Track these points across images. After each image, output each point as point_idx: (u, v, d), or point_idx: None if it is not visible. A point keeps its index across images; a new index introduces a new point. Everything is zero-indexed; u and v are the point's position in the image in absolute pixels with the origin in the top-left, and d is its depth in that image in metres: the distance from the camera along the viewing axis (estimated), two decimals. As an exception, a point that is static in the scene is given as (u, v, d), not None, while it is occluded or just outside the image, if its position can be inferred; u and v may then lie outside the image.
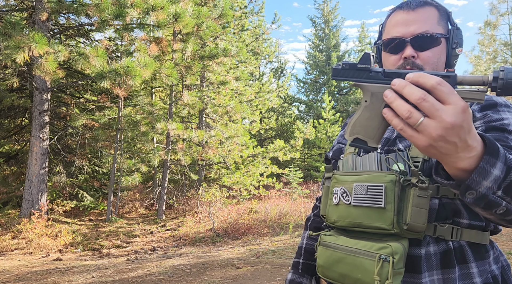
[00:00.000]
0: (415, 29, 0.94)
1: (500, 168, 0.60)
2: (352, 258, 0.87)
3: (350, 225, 0.91)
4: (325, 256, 0.94)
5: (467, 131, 0.55)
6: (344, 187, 0.94)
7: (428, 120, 0.54)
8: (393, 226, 0.84)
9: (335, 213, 0.96)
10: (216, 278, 4.60)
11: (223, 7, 9.78)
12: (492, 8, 16.70)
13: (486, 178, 0.60)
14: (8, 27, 6.11)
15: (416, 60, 0.94)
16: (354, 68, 0.69)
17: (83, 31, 9.40)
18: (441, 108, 0.53)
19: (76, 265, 5.54)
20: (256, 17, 18.43)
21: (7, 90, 8.99)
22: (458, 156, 0.58)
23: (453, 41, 0.97)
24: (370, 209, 0.87)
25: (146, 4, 7.31)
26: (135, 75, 7.08)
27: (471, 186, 0.61)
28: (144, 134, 10.13)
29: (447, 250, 0.87)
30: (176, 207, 11.22)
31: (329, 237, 0.96)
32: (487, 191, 0.61)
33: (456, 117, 0.53)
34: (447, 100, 0.54)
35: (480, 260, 0.88)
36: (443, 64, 0.98)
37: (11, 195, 9.83)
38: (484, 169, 0.59)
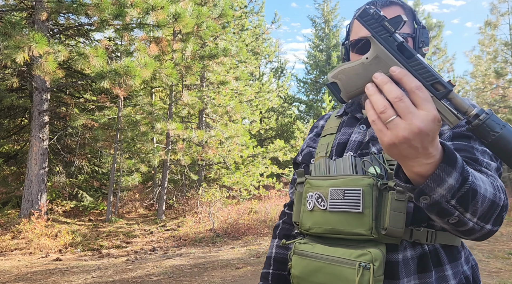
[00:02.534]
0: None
1: (456, 177, 0.61)
2: (332, 267, 0.83)
3: (327, 231, 0.88)
4: (301, 266, 0.90)
5: (431, 139, 0.56)
6: (319, 191, 0.91)
7: (399, 120, 0.55)
8: (372, 231, 0.82)
9: (310, 220, 0.92)
10: (216, 278, 4.59)
11: (223, 7, 9.78)
12: (493, 8, 16.70)
13: (441, 185, 0.60)
14: (8, 27, 6.11)
15: None
16: (381, 22, 0.64)
17: (82, 31, 9.39)
18: (414, 112, 0.54)
19: (75, 265, 5.53)
20: (256, 17, 18.43)
21: (7, 90, 8.98)
22: (417, 160, 0.58)
23: (419, 40, 0.96)
24: (348, 214, 0.84)
25: (146, 4, 7.30)
26: (135, 75, 7.07)
27: (425, 191, 0.61)
28: (144, 134, 10.12)
29: (423, 254, 0.85)
30: (176, 207, 11.21)
31: (305, 245, 0.91)
32: (441, 199, 0.62)
33: (425, 124, 0.54)
34: (421, 106, 0.55)
35: (454, 262, 0.88)
36: None
37: (11, 195, 9.82)
38: (439, 176, 0.59)
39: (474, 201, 0.64)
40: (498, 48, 16.46)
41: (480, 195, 0.65)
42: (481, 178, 0.68)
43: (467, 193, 0.63)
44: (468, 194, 0.63)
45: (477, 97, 16.16)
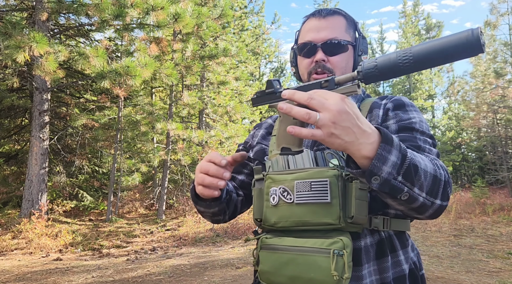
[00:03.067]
0: (326, 35, 1.01)
1: (396, 154, 0.69)
2: (304, 258, 0.84)
3: (294, 224, 0.89)
4: (271, 260, 0.90)
5: (355, 117, 0.65)
6: (283, 185, 0.91)
7: (321, 114, 0.63)
8: (340, 220, 0.84)
9: (275, 214, 0.92)
10: (216, 278, 4.60)
11: (223, 7, 9.79)
12: (492, 8, 16.71)
13: (385, 163, 0.68)
14: (9, 27, 6.12)
15: (326, 63, 1.01)
16: (264, 94, 0.84)
17: (83, 31, 9.41)
18: (326, 102, 0.63)
19: (76, 265, 5.54)
20: (256, 17, 18.44)
21: (7, 90, 8.99)
22: (360, 142, 0.66)
23: (359, 49, 1.04)
24: (316, 205, 0.86)
25: (146, 4, 7.31)
26: (135, 75, 7.09)
27: (374, 171, 0.68)
28: (144, 134, 10.13)
29: (380, 240, 0.90)
30: (176, 207, 11.22)
31: (272, 239, 0.91)
32: (388, 176, 0.69)
33: (338, 105, 0.63)
34: (326, 97, 0.65)
35: (404, 248, 0.94)
36: (350, 69, 1.05)
37: (11, 195, 9.83)
38: (382, 155, 0.67)
39: (417, 176, 0.72)
40: (497, 48, 16.48)
41: (422, 170, 0.72)
42: (420, 156, 0.76)
43: (409, 168, 0.70)
44: (410, 169, 0.71)
45: (477, 97, 16.17)
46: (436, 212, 0.78)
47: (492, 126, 16.62)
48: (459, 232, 7.81)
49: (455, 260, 5.42)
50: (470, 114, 18.15)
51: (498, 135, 16.23)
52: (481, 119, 16.94)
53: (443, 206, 0.78)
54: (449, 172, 0.80)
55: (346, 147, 0.66)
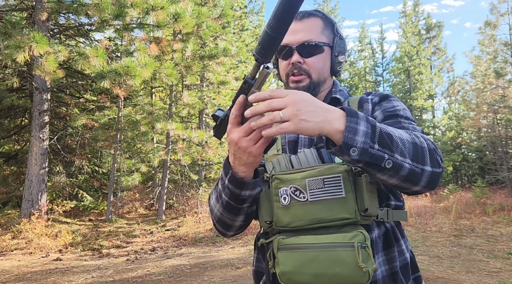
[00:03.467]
0: (301, 38, 1.04)
1: (364, 124, 0.75)
2: (327, 254, 0.84)
3: (309, 222, 0.89)
4: (292, 260, 0.87)
5: (314, 100, 0.74)
6: (294, 185, 0.91)
7: (283, 110, 0.71)
8: (356, 214, 0.86)
9: (288, 215, 0.91)
10: (216, 278, 4.60)
11: (223, 7, 9.78)
12: (492, 8, 16.70)
13: (356, 133, 0.74)
14: (8, 27, 6.11)
15: (302, 65, 1.04)
16: (219, 125, 0.90)
17: (83, 31, 9.40)
18: (283, 99, 0.72)
19: (76, 265, 5.54)
20: (256, 17, 18.45)
21: (7, 90, 8.99)
22: (329, 119, 0.74)
23: (336, 49, 1.07)
24: (331, 201, 0.87)
25: (146, 4, 7.30)
26: (135, 75, 7.08)
27: (349, 143, 0.73)
28: (144, 134, 10.12)
29: (386, 231, 0.93)
30: (176, 207, 11.22)
31: (290, 239, 0.89)
32: (364, 145, 0.74)
33: (294, 96, 0.73)
34: (282, 95, 0.73)
35: (403, 238, 0.98)
36: (328, 70, 1.08)
37: (11, 195, 9.83)
38: (350, 126, 0.74)
39: (394, 142, 0.77)
40: (498, 48, 16.47)
41: (397, 137, 0.78)
42: (394, 128, 0.82)
43: (382, 136, 0.76)
44: (383, 136, 0.76)
45: (477, 97, 16.16)
46: (431, 179, 0.81)
47: (492, 126, 16.62)
48: (459, 232, 7.81)
49: (455, 260, 5.42)
50: (470, 114, 18.14)
51: (498, 136, 16.22)
52: (481, 119, 16.93)
53: (436, 173, 0.82)
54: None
55: (320, 127, 0.73)
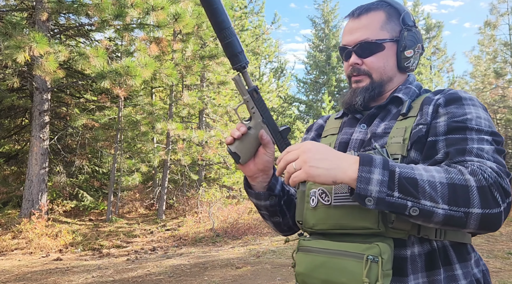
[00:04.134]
0: (357, 37, 0.99)
1: (379, 172, 0.72)
2: (336, 261, 0.81)
3: (332, 227, 0.87)
4: (305, 262, 0.88)
5: (323, 148, 0.77)
6: (322, 187, 0.90)
7: (295, 162, 0.77)
8: (378, 224, 0.80)
9: (314, 217, 0.91)
10: (216, 278, 4.61)
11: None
12: (492, 8, 16.71)
13: (369, 183, 0.72)
14: (9, 27, 6.12)
15: (361, 66, 0.99)
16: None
17: (83, 31, 9.41)
18: (293, 152, 0.79)
19: (76, 265, 5.55)
20: (256, 17, 18.45)
21: (8, 90, 8.99)
22: (341, 166, 0.75)
23: (401, 44, 0.98)
24: (354, 208, 0.83)
25: (146, 4, 7.31)
26: (135, 75, 7.09)
27: (362, 193, 0.72)
28: (144, 134, 10.13)
29: (431, 250, 0.83)
30: (176, 207, 11.22)
31: (309, 241, 0.90)
32: (380, 194, 0.71)
33: (301, 148, 0.77)
34: (291, 149, 0.80)
35: (463, 262, 0.85)
36: (393, 67, 1.00)
37: (11, 195, 9.83)
38: (362, 176, 0.72)
39: (419, 188, 0.71)
40: (497, 48, 16.48)
41: (424, 181, 0.72)
42: (425, 168, 0.75)
43: (402, 182, 0.71)
44: (404, 182, 0.71)
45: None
46: (484, 222, 0.71)
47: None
48: (459, 232, 7.81)
49: (455, 260, 5.42)
50: (470, 114, 18.12)
51: (498, 136, 16.23)
52: (481, 119, 16.92)
53: (491, 214, 0.71)
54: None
55: (332, 175, 0.74)
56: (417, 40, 0.99)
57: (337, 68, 22.29)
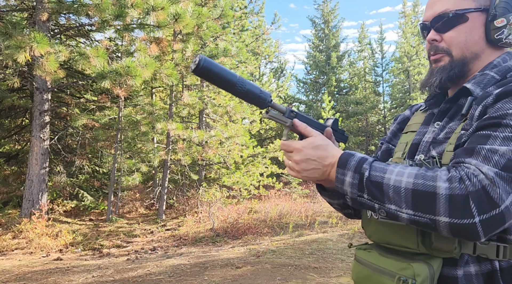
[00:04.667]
0: (436, 10, 0.89)
1: (351, 175, 0.77)
2: (377, 277, 0.82)
3: (380, 241, 0.88)
4: (356, 272, 0.92)
5: (312, 150, 0.84)
6: None
7: (291, 163, 0.87)
8: (418, 246, 0.77)
9: (369, 228, 0.92)
10: (216, 278, 4.62)
11: (223, 8, 9.80)
12: (492, 9, 16.72)
13: (343, 183, 0.78)
14: (9, 27, 6.13)
15: (440, 43, 0.89)
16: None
17: (83, 32, 9.42)
18: (290, 156, 0.87)
19: (76, 265, 5.56)
20: (256, 17, 18.45)
21: (8, 90, 9.00)
22: (325, 167, 0.83)
23: (490, 13, 0.85)
24: (395, 226, 0.81)
25: (146, 4, 7.32)
26: (135, 75, 7.09)
27: (340, 192, 0.80)
28: (144, 134, 10.14)
29: (492, 271, 0.77)
30: (176, 207, 11.23)
31: (363, 252, 0.92)
32: (352, 195, 0.77)
33: (298, 156, 0.85)
34: (289, 149, 0.87)
35: None
36: (478, 41, 0.87)
37: (12, 195, 9.84)
38: (338, 177, 0.79)
39: (384, 192, 0.73)
40: (497, 49, 16.46)
41: (389, 186, 0.72)
42: (399, 172, 0.73)
43: (369, 186, 0.74)
44: (370, 187, 0.74)
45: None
46: (454, 230, 0.68)
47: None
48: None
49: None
50: (470, 114, 18.15)
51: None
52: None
53: (459, 224, 0.66)
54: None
55: (318, 175, 0.84)
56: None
57: (337, 68, 22.30)
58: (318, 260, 5.47)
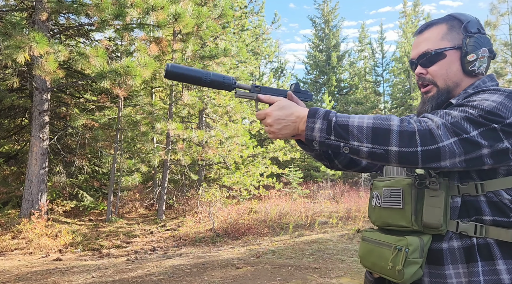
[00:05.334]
0: (420, 50, 1.11)
1: (320, 122, 0.94)
2: (379, 249, 1.03)
3: (383, 224, 1.09)
4: (362, 248, 1.13)
5: (281, 112, 1.03)
6: (377, 191, 1.12)
7: (267, 128, 1.06)
8: (412, 224, 0.98)
9: (373, 215, 1.14)
10: (216, 278, 4.60)
11: (223, 7, 9.78)
12: (492, 8, 16.71)
13: (313, 130, 0.95)
14: (9, 27, 6.11)
15: (426, 76, 1.10)
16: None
17: (83, 31, 9.40)
18: (265, 121, 1.06)
19: (76, 265, 5.54)
20: (256, 17, 18.44)
21: (7, 90, 8.99)
22: (293, 123, 1.02)
23: (463, 50, 1.06)
24: (393, 210, 1.03)
25: (146, 4, 7.30)
26: (135, 75, 7.08)
27: (309, 138, 0.95)
28: (144, 134, 10.12)
29: (471, 246, 0.94)
30: (176, 207, 11.22)
31: (368, 232, 1.13)
32: (321, 138, 0.94)
33: (269, 120, 1.05)
34: (262, 116, 1.08)
35: (510, 259, 0.92)
36: (457, 72, 1.07)
37: (11, 195, 9.83)
38: (308, 126, 0.96)
39: (349, 131, 0.91)
40: (498, 48, 16.48)
41: (354, 127, 0.91)
42: (360, 116, 0.94)
43: (337, 129, 0.92)
44: (338, 129, 0.92)
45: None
46: (401, 157, 0.87)
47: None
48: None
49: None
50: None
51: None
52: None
53: (405, 152, 0.86)
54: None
55: (290, 132, 1.02)
56: (481, 44, 1.05)
57: (337, 68, 22.29)
58: (318, 261, 5.46)
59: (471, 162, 0.88)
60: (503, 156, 0.89)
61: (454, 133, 0.86)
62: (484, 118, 0.88)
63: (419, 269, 0.95)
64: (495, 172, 0.93)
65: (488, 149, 0.87)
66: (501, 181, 0.93)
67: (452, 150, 0.86)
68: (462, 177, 0.96)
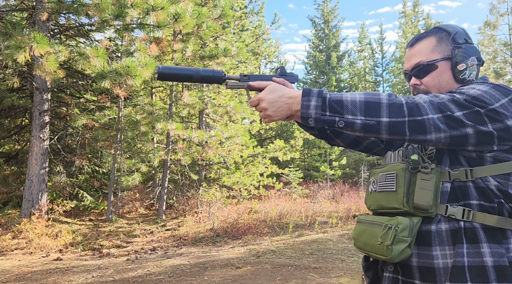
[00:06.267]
0: (412, 62, 1.18)
1: (315, 100, 0.98)
2: (371, 229, 1.09)
3: (377, 208, 1.15)
4: (356, 230, 1.19)
5: (274, 95, 1.07)
6: (374, 177, 1.19)
7: (262, 113, 1.09)
8: (403, 205, 1.04)
9: (369, 200, 1.21)
10: (216, 278, 4.61)
11: (223, 7, 9.79)
12: (492, 9, 16.71)
13: (308, 108, 0.99)
14: (9, 27, 6.12)
15: (420, 86, 1.17)
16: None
17: (83, 31, 9.41)
18: (259, 107, 1.09)
19: (76, 265, 5.55)
20: (256, 17, 18.45)
21: (8, 90, 8.99)
22: (288, 104, 1.05)
23: (453, 60, 1.13)
24: (387, 193, 1.10)
25: (146, 4, 7.31)
26: (135, 75, 7.09)
27: (305, 116, 0.99)
28: (144, 134, 10.13)
29: (458, 228, 0.99)
30: (176, 207, 11.23)
31: (363, 216, 1.20)
32: (316, 115, 0.98)
33: (259, 96, 1.09)
34: (255, 102, 1.11)
35: (494, 243, 0.97)
36: (448, 82, 1.14)
37: (11, 195, 9.84)
38: (303, 104, 1.00)
39: (344, 106, 0.96)
40: (497, 49, 16.50)
41: (348, 102, 0.97)
42: (353, 93, 1.00)
43: (331, 104, 0.97)
44: (333, 104, 0.97)
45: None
46: (392, 128, 0.94)
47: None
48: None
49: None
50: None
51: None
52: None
53: (395, 122, 0.94)
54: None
55: (285, 114, 1.06)
56: (470, 54, 1.12)
57: (337, 68, 22.30)
58: (318, 260, 5.47)
59: (455, 139, 0.95)
60: (487, 138, 0.95)
61: (439, 110, 0.94)
62: (468, 102, 0.95)
63: (407, 248, 1.00)
64: (482, 158, 0.99)
65: (472, 128, 0.93)
66: (489, 167, 0.99)
67: (436, 125, 0.93)
68: (452, 163, 1.02)
